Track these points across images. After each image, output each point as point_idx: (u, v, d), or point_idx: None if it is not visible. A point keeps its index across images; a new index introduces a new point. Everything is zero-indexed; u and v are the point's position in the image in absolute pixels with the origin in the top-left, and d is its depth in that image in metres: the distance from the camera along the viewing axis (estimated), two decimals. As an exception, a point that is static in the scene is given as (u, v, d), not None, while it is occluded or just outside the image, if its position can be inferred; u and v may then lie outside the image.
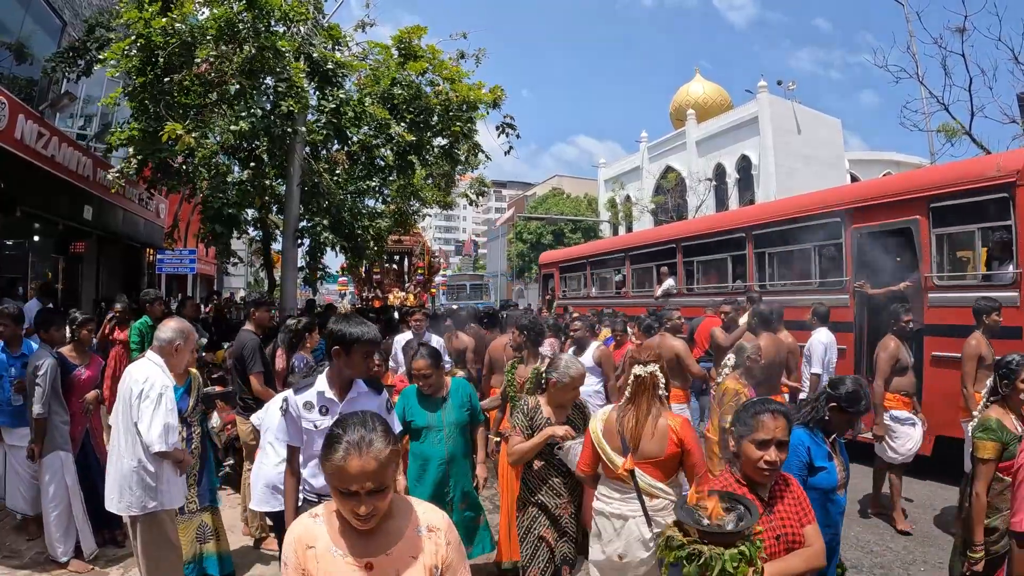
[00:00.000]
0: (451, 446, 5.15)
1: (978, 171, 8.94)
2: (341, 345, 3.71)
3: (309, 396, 3.79)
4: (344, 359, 3.74)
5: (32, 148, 11.29)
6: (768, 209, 14.30)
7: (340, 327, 3.74)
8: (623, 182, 58.96)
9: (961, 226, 9.20)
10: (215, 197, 12.59)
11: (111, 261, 18.25)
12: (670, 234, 16.46)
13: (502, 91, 13.28)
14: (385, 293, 25.12)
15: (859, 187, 13.84)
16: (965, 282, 9.22)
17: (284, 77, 10.61)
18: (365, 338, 3.73)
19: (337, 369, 3.82)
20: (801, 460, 3.64)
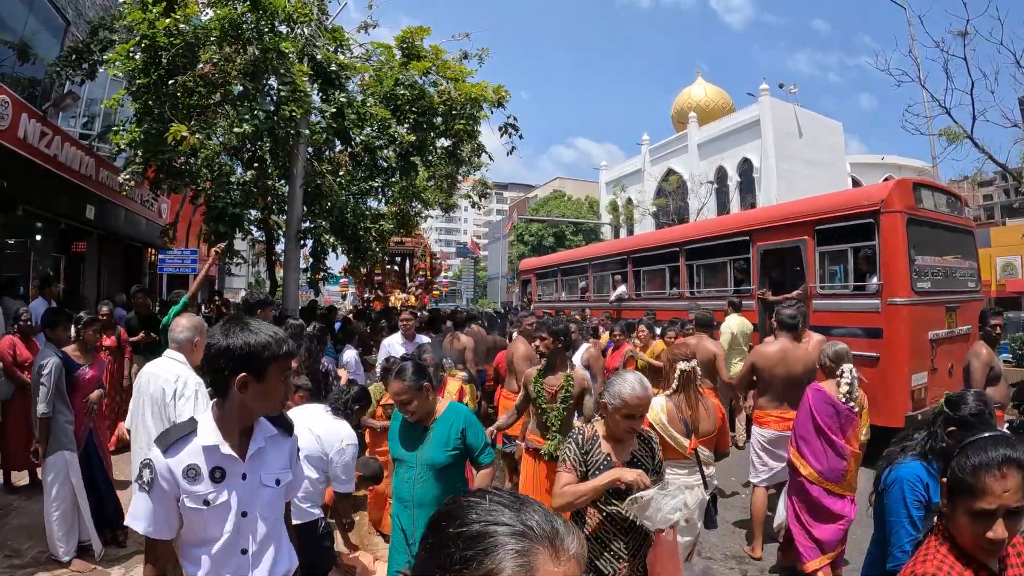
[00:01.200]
0: (419, 490, 4.17)
1: (852, 201, 11.29)
2: (249, 367, 2.40)
3: (191, 456, 2.41)
4: (256, 388, 2.43)
5: (34, 147, 11.30)
6: (696, 228, 17.31)
7: (240, 338, 2.41)
8: (624, 184, 58.98)
9: (838, 245, 11.20)
10: (218, 197, 12.58)
11: (112, 261, 18.26)
12: (622, 247, 19.43)
13: (506, 91, 13.26)
14: (386, 294, 25.12)
15: (762, 212, 17.00)
16: (840, 291, 11.18)
17: (288, 80, 10.59)
18: (284, 350, 2.49)
19: (237, 407, 2.47)
20: (918, 498, 3.11)
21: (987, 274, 33.45)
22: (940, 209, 11.50)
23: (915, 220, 10.52)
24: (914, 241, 10.38)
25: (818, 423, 5.50)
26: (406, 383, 4.14)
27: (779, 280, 12.70)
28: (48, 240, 15.77)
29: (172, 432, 2.48)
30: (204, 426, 2.47)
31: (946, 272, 11.35)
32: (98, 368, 6.45)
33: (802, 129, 47.41)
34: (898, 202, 10.35)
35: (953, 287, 11.37)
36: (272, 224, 15.38)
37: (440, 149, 14.18)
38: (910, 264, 10.15)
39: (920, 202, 10.93)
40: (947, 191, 12.50)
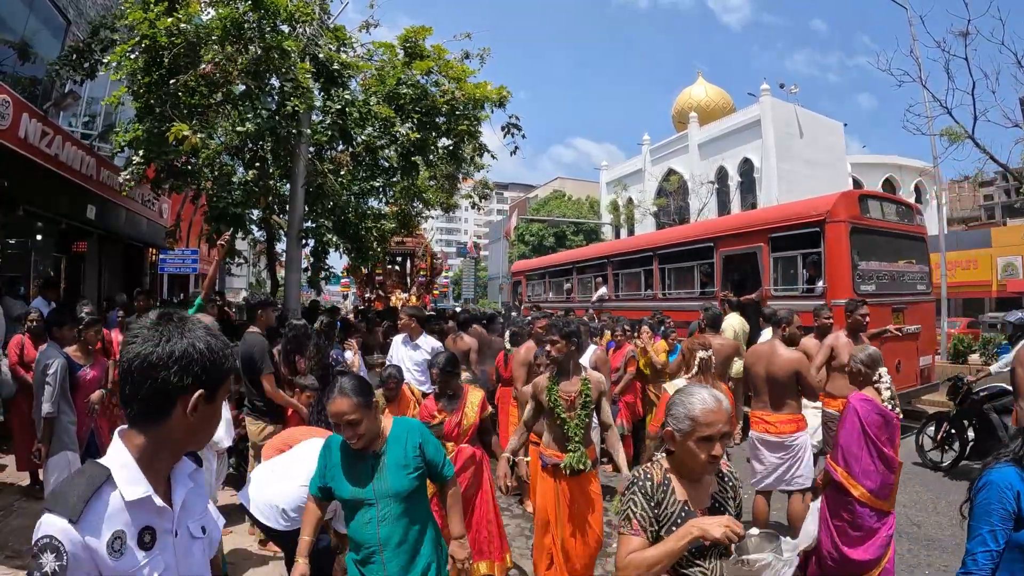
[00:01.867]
0: (386, 529, 3.52)
1: (801, 211, 12.65)
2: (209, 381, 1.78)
3: (113, 520, 1.65)
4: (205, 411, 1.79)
5: (35, 147, 11.28)
6: (667, 235, 19.08)
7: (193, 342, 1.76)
8: (626, 184, 59.01)
9: (793, 251, 12.56)
10: (219, 196, 12.58)
11: (113, 261, 18.25)
12: (602, 252, 21.11)
13: (508, 91, 13.25)
14: (387, 294, 25.15)
15: (724, 221, 18.68)
16: (791, 292, 12.52)
17: (290, 77, 10.59)
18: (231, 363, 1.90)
19: (176, 439, 1.80)
20: (1006, 507, 2.74)
21: (988, 274, 33.57)
22: (889, 218, 12.89)
23: (859, 229, 11.89)
24: (858, 248, 11.74)
25: (870, 436, 5.12)
26: (353, 400, 3.41)
27: (740, 282, 13.89)
28: (49, 240, 15.76)
29: (75, 488, 1.65)
30: (121, 471, 1.70)
31: (893, 276, 12.66)
32: (99, 369, 6.46)
33: (803, 129, 47.44)
34: (842, 213, 11.76)
35: (900, 289, 12.63)
36: (273, 224, 15.38)
37: (442, 149, 14.17)
38: (853, 268, 11.50)
39: (867, 212, 12.39)
40: (897, 201, 13.99)
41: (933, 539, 6.83)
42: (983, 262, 34.35)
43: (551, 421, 5.40)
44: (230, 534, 6.65)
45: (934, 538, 6.85)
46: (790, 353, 6.53)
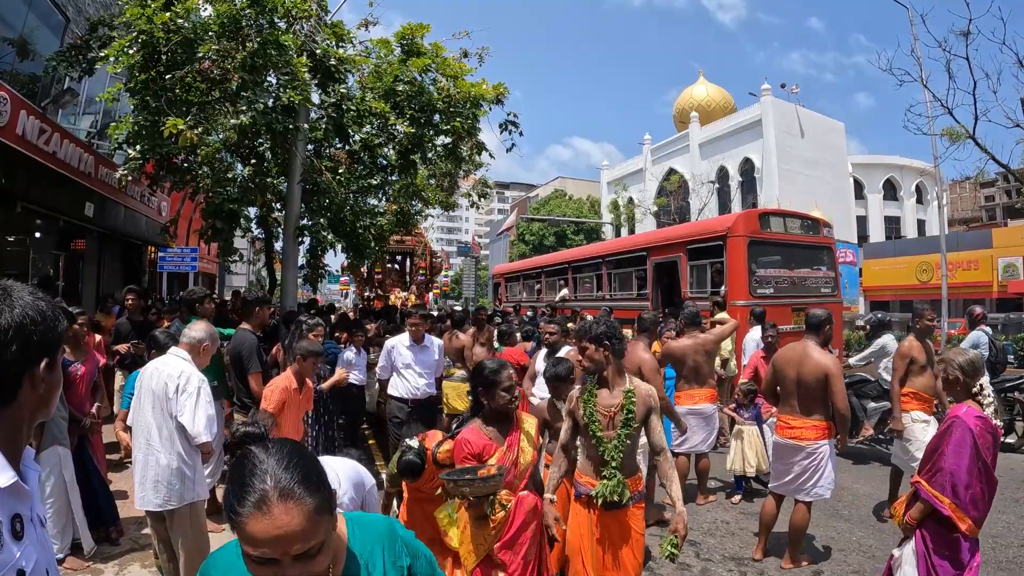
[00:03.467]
0: None
1: (709, 227, 15.35)
2: (51, 349, 1.59)
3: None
4: (49, 381, 1.60)
5: (33, 144, 11.28)
6: (613, 245, 23.10)
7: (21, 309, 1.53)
8: (626, 184, 59.08)
9: (702, 260, 14.57)
10: (216, 193, 12.56)
11: (112, 259, 18.25)
12: (564, 258, 23.66)
13: (505, 88, 13.21)
14: (386, 293, 25.16)
15: (653, 234, 21.55)
16: (703, 294, 14.22)
17: (286, 72, 10.57)
18: (62, 319, 1.64)
19: (27, 415, 1.59)
20: None
21: (989, 275, 33.54)
22: (792, 231, 14.98)
23: (757, 242, 13.93)
24: (756, 258, 13.79)
25: (982, 459, 4.25)
26: (307, 505, 1.54)
27: (667, 285, 15.95)
28: (47, 238, 15.75)
29: None
30: None
31: (793, 280, 14.50)
32: (91, 364, 6.41)
33: (804, 129, 47.48)
34: (741, 229, 13.78)
35: (802, 292, 14.38)
36: (271, 221, 15.37)
37: (440, 147, 14.14)
38: (750, 275, 13.48)
39: (767, 227, 14.45)
40: (802, 216, 16.17)
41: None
42: (984, 263, 34.34)
43: (586, 440, 4.49)
44: (222, 531, 6.63)
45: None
46: (822, 356, 6.14)
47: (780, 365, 6.30)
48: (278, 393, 5.64)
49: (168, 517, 4.76)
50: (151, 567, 5.64)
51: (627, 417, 4.28)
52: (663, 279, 16.11)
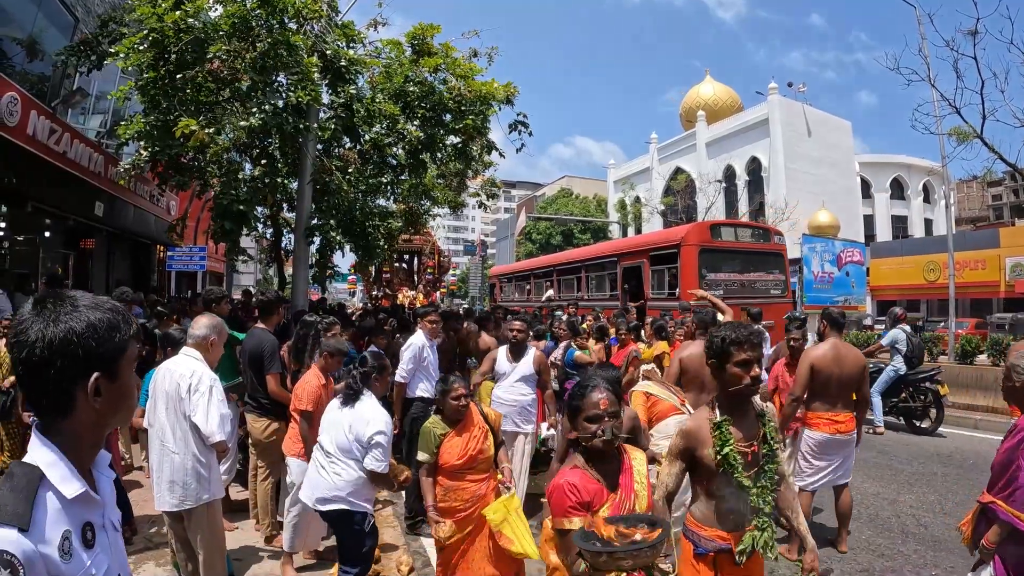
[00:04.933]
0: None
1: (666, 237, 18.09)
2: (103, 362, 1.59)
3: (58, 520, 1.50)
4: (111, 391, 1.62)
5: (43, 144, 11.33)
6: (590, 251, 25.00)
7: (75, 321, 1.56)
8: (633, 183, 59.06)
9: (661, 266, 17.22)
10: (225, 193, 12.59)
11: (121, 258, 18.31)
12: (550, 262, 26.75)
13: (515, 88, 13.22)
14: (394, 292, 25.21)
15: (622, 242, 26.63)
16: (661, 296, 16.89)
17: (296, 72, 10.59)
18: (134, 327, 1.69)
19: (89, 426, 1.63)
20: None
21: (996, 275, 33.46)
22: (742, 239, 17.62)
23: (708, 250, 16.35)
24: (706, 263, 16.18)
25: None
26: None
27: (634, 287, 18.36)
28: (57, 236, 15.82)
29: (13, 494, 1.46)
30: (53, 469, 1.54)
31: (742, 283, 16.74)
32: None
33: (811, 128, 47.42)
34: (693, 238, 16.34)
35: (751, 293, 16.37)
36: (281, 221, 15.39)
37: (450, 147, 14.15)
38: (700, 278, 15.64)
39: (718, 237, 17.03)
40: (753, 226, 19.56)
41: (939, 540, 6.79)
42: (991, 262, 34.23)
43: (716, 486, 3.40)
44: (235, 530, 6.66)
45: (940, 539, 6.81)
46: (856, 351, 6.63)
47: (823, 365, 6.38)
48: (312, 390, 5.66)
49: (186, 517, 4.76)
50: (166, 565, 5.67)
51: (771, 449, 3.44)
52: (630, 281, 18.59)
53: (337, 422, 4.89)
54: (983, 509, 3.89)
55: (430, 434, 4.77)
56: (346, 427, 4.79)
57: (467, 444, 4.77)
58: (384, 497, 8.16)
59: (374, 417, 4.78)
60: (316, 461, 4.97)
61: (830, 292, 28.49)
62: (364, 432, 4.71)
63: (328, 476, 4.81)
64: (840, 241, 31.85)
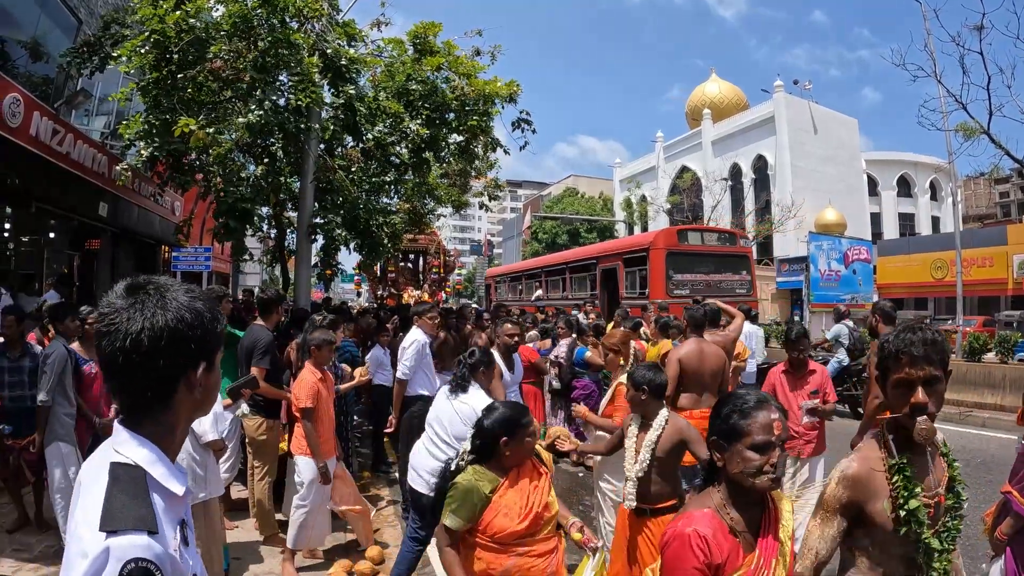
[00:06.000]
0: None
1: (637, 242, 20.25)
2: (210, 351, 1.59)
3: (172, 517, 1.47)
4: (208, 382, 1.59)
5: (47, 145, 11.32)
6: (572, 254, 26.42)
7: (181, 311, 1.51)
8: (639, 181, 59.04)
9: (634, 268, 18.95)
10: (228, 192, 12.57)
11: (126, 258, 18.31)
12: (539, 264, 29.30)
13: (518, 86, 13.18)
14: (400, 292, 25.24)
15: (601, 246, 26.34)
16: (633, 295, 18.43)
17: (297, 72, 10.57)
18: (221, 319, 1.65)
19: (184, 419, 1.61)
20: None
21: (1004, 272, 33.31)
22: (708, 243, 19.31)
23: (675, 253, 18.07)
24: (674, 265, 17.82)
25: None
26: None
27: (611, 287, 19.94)
28: (62, 237, 15.84)
29: (130, 498, 1.38)
30: (154, 467, 1.47)
31: (708, 283, 18.13)
32: None
33: (817, 126, 47.35)
34: (661, 243, 18.21)
35: (716, 292, 16.85)
36: (284, 220, 15.39)
37: (453, 145, 14.12)
38: (668, 279, 17.60)
39: (684, 241, 18.91)
40: (719, 231, 21.57)
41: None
42: (999, 260, 34.07)
43: (887, 551, 2.54)
44: (236, 528, 6.65)
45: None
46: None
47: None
48: (309, 387, 5.66)
49: None
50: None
51: (960, 500, 2.65)
52: (607, 282, 20.25)
53: (448, 411, 4.92)
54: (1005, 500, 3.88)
55: (473, 493, 3.37)
56: (461, 417, 4.80)
57: (528, 499, 3.44)
58: (386, 496, 8.16)
59: (481, 407, 4.78)
60: (429, 449, 4.97)
61: (837, 290, 28.49)
62: None
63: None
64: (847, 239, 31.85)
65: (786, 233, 38.93)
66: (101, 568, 1.26)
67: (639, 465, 4.22)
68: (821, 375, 6.52)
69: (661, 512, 4.17)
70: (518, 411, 3.55)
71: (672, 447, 4.22)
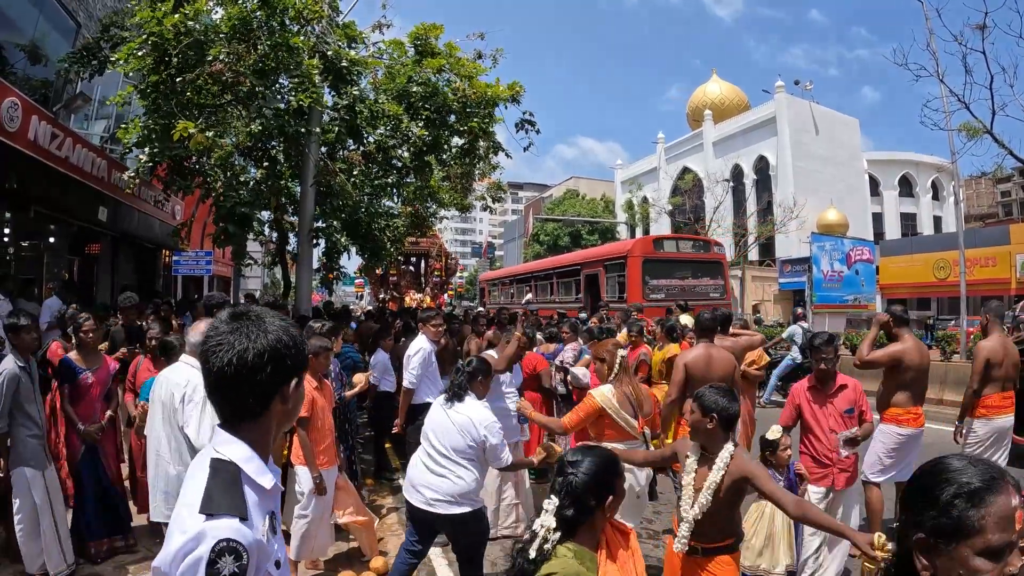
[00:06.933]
0: None
1: (616, 250, 21.71)
2: (301, 370, 1.85)
3: (261, 509, 1.70)
4: (295, 397, 1.83)
5: (45, 149, 11.27)
6: (559, 260, 28.23)
7: (280, 333, 1.77)
8: (640, 183, 59.04)
9: (614, 273, 19.99)
10: (227, 196, 12.50)
11: (126, 262, 18.26)
12: (529, 269, 30.64)
13: (521, 87, 13.08)
14: (401, 295, 25.23)
15: (584, 252, 27.86)
16: (613, 299, 19.15)
17: (297, 74, 10.49)
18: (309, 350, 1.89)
19: (275, 428, 1.84)
20: None
21: (1007, 271, 33.20)
22: (683, 250, 20.61)
23: (651, 260, 19.19)
24: (650, 271, 18.90)
25: None
26: None
27: (594, 292, 20.92)
28: (61, 241, 15.77)
29: (225, 488, 1.63)
30: (248, 464, 1.71)
31: (683, 287, 19.32)
32: (104, 373, 6.18)
33: (818, 126, 47.32)
34: (638, 251, 19.43)
35: (691, 296, 18.46)
36: (285, 224, 15.32)
37: (455, 148, 14.03)
38: (644, 284, 18.63)
39: (660, 248, 20.18)
40: (694, 239, 23.68)
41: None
42: (1002, 259, 33.91)
43: None
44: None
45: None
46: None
47: (912, 360, 6.47)
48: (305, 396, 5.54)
49: None
50: None
51: None
52: (591, 287, 21.45)
53: (443, 422, 4.84)
54: None
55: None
56: (457, 427, 4.74)
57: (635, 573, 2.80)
58: (389, 504, 8.07)
59: (480, 417, 4.75)
60: (425, 463, 4.85)
61: (840, 291, 28.39)
62: (476, 433, 4.70)
63: (452, 479, 4.70)
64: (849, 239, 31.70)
65: (788, 234, 38.86)
66: (196, 544, 1.52)
67: (697, 509, 3.72)
68: (854, 390, 5.66)
69: (716, 552, 3.76)
70: (609, 457, 2.72)
71: (734, 485, 3.72)
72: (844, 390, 5.63)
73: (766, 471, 3.87)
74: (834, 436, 5.52)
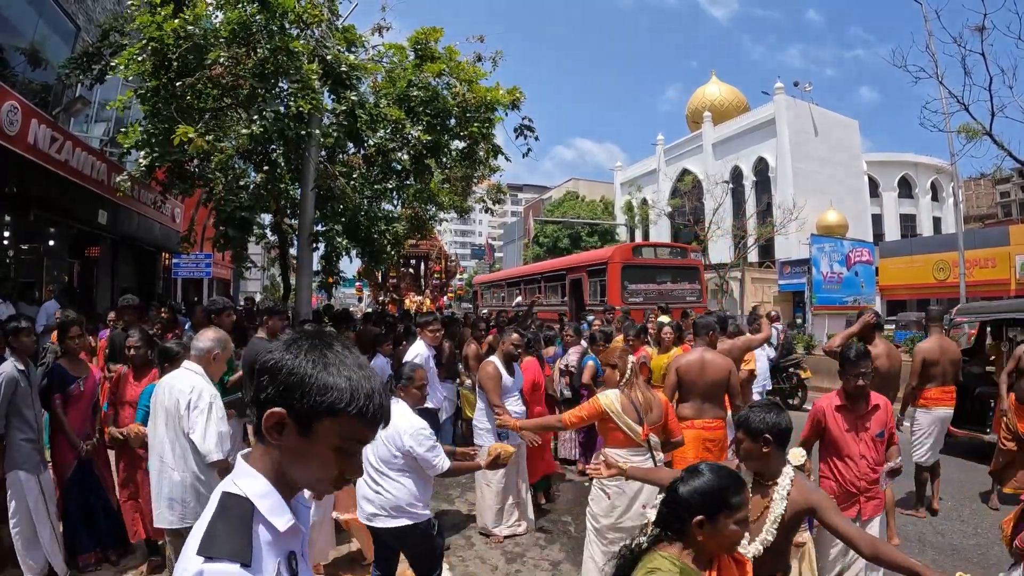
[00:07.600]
0: None
1: (598, 256, 22.74)
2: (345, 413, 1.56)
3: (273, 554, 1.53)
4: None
5: (45, 152, 11.27)
6: (546, 265, 29.64)
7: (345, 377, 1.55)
8: (640, 185, 59.04)
9: (596, 279, 21.03)
10: (228, 200, 12.49)
11: (126, 265, 18.25)
12: (518, 274, 31.81)
13: (521, 93, 13.07)
14: (401, 297, 25.27)
15: (570, 258, 29.34)
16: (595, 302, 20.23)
17: (297, 79, 10.48)
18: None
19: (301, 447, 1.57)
20: None
21: (1006, 273, 33.19)
22: (661, 257, 21.94)
23: (630, 266, 20.40)
24: (628, 276, 20.07)
25: None
26: None
27: (578, 296, 21.85)
28: (61, 244, 15.77)
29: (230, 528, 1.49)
30: (263, 501, 1.55)
31: (660, 291, 20.37)
32: (91, 383, 6.05)
33: (818, 127, 47.30)
34: (617, 257, 20.59)
35: (668, 299, 19.06)
36: (285, 228, 15.32)
37: (455, 151, 14.03)
38: (623, 289, 19.76)
39: (639, 255, 21.52)
40: (672, 246, 24.71)
41: (958, 548, 6.66)
42: (1001, 260, 33.89)
43: None
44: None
45: (959, 547, 6.68)
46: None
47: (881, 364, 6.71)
48: None
49: (186, 534, 4.63)
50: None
51: None
52: (575, 291, 22.39)
53: None
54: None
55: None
56: (382, 438, 4.57)
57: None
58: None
59: (405, 426, 4.58)
60: (365, 476, 4.71)
61: (839, 292, 28.45)
62: (400, 443, 4.59)
63: (384, 493, 4.62)
64: (849, 241, 31.77)
65: (788, 235, 38.83)
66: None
67: (759, 545, 3.29)
68: (885, 411, 4.96)
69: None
70: (729, 482, 2.54)
71: (796, 517, 3.35)
72: (877, 411, 4.91)
73: (832, 501, 3.52)
74: (864, 462, 4.83)
